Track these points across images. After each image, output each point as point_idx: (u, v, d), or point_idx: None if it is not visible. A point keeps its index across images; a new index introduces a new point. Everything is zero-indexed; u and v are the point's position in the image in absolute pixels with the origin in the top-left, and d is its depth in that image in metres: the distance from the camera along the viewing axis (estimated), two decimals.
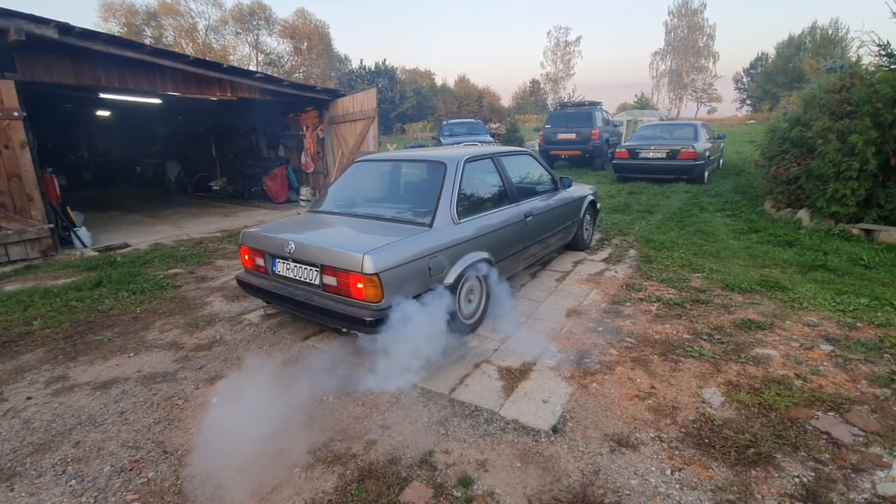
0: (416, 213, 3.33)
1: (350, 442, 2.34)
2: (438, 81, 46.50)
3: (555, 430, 2.40)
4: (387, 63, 40.24)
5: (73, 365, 3.18)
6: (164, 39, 35.67)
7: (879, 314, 3.47)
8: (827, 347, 3.06)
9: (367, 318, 2.69)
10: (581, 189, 5.18)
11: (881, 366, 2.81)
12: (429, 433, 2.40)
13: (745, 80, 46.10)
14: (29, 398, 2.80)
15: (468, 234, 3.24)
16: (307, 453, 2.27)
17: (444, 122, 16.51)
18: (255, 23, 40.40)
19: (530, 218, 3.95)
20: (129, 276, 4.97)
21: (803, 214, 5.91)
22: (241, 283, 3.53)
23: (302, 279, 3.03)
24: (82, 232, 6.46)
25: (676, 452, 2.19)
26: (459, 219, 3.24)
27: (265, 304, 3.91)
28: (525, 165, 4.45)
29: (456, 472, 2.12)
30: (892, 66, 5.57)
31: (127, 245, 6.42)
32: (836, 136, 5.38)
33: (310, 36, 42.33)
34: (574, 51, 50.37)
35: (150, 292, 4.55)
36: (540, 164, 4.64)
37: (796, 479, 1.98)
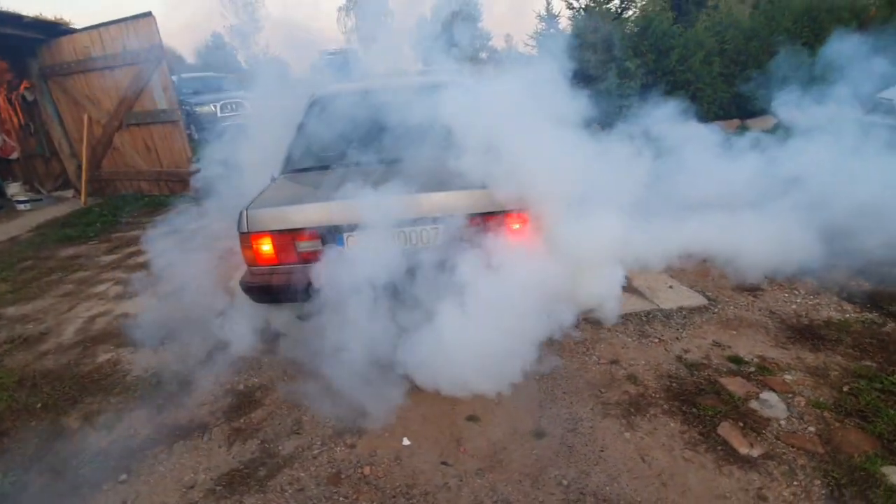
0: None
1: (610, 391, 2.04)
2: None
3: (711, 300, 2.70)
4: None
5: None
6: None
7: None
8: None
9: None
10: None
11: None
12: (650, 346, 2.33)
13: None
14: None
15: None
16: (603, 418, 1.89)
17: (176, 78, 12.86)
18: None
19: None
20: None
21: None
22: (258, 290, 2.27)
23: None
24: None
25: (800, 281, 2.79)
26: None
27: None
28: None
29: (719, 358, 2.19)
30: None
31: None
32: None
33: None
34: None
35: None
36: None
37: None
